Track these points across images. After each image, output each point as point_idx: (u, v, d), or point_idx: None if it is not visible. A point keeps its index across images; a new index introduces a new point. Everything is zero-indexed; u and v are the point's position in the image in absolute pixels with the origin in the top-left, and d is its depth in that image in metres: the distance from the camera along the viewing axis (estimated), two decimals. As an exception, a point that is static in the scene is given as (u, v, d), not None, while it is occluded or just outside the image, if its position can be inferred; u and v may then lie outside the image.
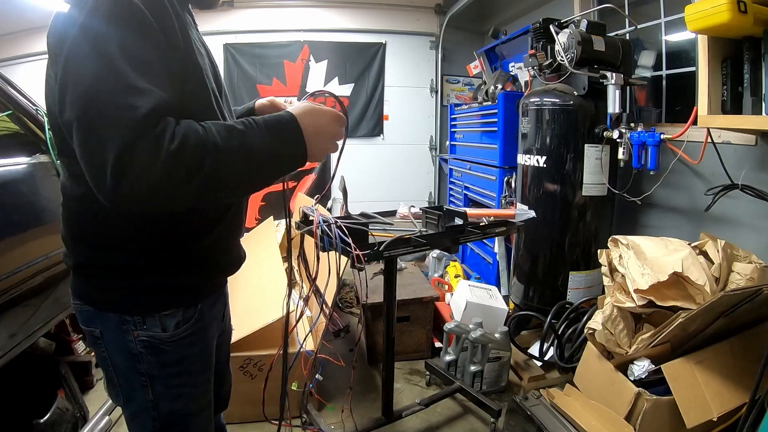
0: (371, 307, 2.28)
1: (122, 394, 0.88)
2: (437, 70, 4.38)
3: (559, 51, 2.01)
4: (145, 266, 0.81)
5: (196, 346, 0.89)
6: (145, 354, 0.83)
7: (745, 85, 1.52)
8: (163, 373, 0.86)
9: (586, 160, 2.08)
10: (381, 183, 4.37)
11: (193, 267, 0.86)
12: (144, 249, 0.81)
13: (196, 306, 0.88)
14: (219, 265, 0.94)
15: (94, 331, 0.85)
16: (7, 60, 4.08)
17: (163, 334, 0.84)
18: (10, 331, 1.42)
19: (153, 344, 0.83)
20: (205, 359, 0.94)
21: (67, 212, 0.84)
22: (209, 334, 0.94)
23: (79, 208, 0.81)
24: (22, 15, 3.77)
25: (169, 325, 0.84)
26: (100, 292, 0.83)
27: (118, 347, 0.84)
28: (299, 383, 1.76)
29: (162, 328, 0.83)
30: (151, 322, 0.83)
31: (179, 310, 0.85)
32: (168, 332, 0.84)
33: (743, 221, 1.80)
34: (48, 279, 1.56)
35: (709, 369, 1.42)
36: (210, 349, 0.95)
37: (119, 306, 0.82)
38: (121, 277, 0.81)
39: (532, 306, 2.29)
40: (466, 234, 1.43)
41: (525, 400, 1.61)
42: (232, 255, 0.98)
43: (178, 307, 0.85)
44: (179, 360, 0.87)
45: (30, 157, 1.56)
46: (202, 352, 0.92)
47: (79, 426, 1.70)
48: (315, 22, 4.06)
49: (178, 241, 0.83)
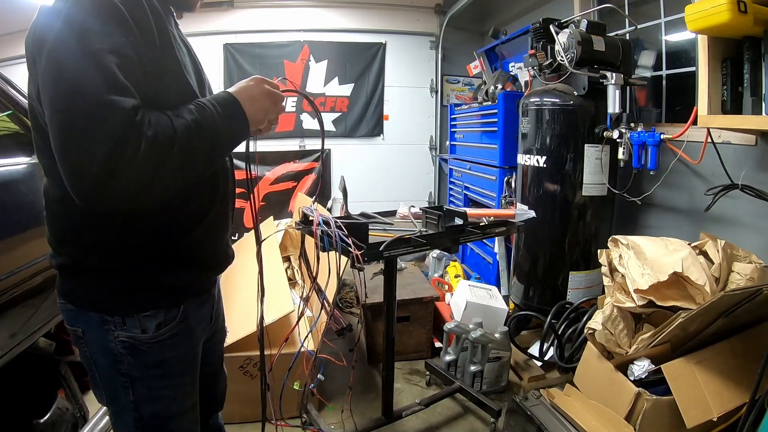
0: (371, 307, 2.28)
1: (105, 394, 0.88)
2: (437, 70, 4.38)
3: (559, 51, 2.01)
4: (125, 266, 0.81)
5: (179, 348, 0.88)
6: (125, 355, 0.83)
7: (745, 85, 1.52)
8: (143, 375, 0.85)
9: (586, 160, 2.08)
10: (381, 183, 4.37)
11: (176, 266, 0.86)
12: (123, 249, 0.81)
13: (178, 307, 0.86)
14: (204, 264, 0.92)
15: (77, 330, 0.85)
16: (7, 60, 4.08)
17: (142, 336, 0.82)
18: (10, 331, 1.42)
19: (133, 345, 0.82)
20: (189, 361, 0.92)
21: (50, 214, 0.83)
22: (195, 336, 0.92)
23: (60, 210, 0.81)
24: (22, 15, 3.77)
25: (149, 327, 0.83)
26: (82, 291, 0.83)
27: (99, 347, 0.83)
28: (300, 383, 1.76)
29: (142, 329, 0.82)
30: (131, 323, 0.82)
31: (160, 311, 0.84)
32: (148, 334, 0.83)
33: (743, 221, 1.80)
34: (48, 279, 1.55)
35: (709, 369, 1.42)
36: (195, 350, 0.94)
37: (100, 306, 0.82)
38: (101, 277, 0.81)
39: (532, 306, 2.29)
40: (466, 234, 1.43)
41: (525, 400, 1.61)
42: (219, 254, 0.96)
43: (159, 308, 0.84)
44: (160, 362, 0.86)
45: (30, 157, 1.56)
46: (185, 354, 0.90)
47: (79, 426, 1.70)
48: (315, 22, 4.06)
49: (160, 240, 0.82)
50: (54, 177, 0.76)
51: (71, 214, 0.78)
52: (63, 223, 0.82)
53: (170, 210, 0.82)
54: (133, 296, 0.82)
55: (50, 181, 0.80)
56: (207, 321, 0.99)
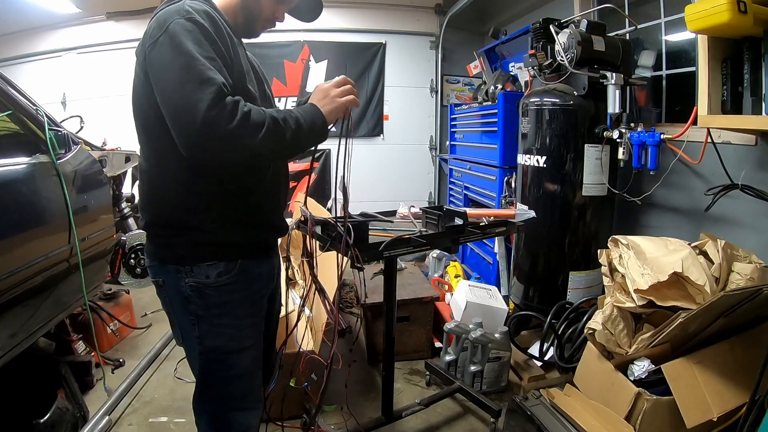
0: (371, 307, 2.28)
1: (180, 332, 1.11)
2: (437, 70, 4.38)
3: (559, 51, 2.01)
4: (195, 224, 1.03)
5: (236, 294, 1.07)
6: (193, 297, 1.04)
7: (745, 85, 1.52)
8: (207, 313, 1.05)
9: (586, 160, 2.08)
10: (381, 183, 4.37)
11: (234, 226, 1.06)
12: (195, 208, 1.02)
13: (236, 261, 1.06)
14: (258, 226, 1.12)
15: (159, 280, 1.08)
16: (7, 60, 4.08)
17: (206, 281, 1.04)
18: (10, 331, 1.42)
19: (199, 288, 1.04)
20: (249, 307, 1.12)
21: (142, 184, 1.08)
22: (253, 287, 1.12)
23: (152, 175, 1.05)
24: (22, 15, 3.77)
25: (212, 274, 1.04)
26: (162, 250, 1.07)
27: (175, 292, 1.06)
28: (297, 381, 1.75)
29: (206, 275, 1.04)
30: (198, 271, 1.03)
31: (221, 263, 1.04)
32: (210, 279, 1.04)
33: (743, 221, 1.80)
34: (48, 279, 1.56)
35: (709, 369, 1.42)
36: (255, 299, 1.14)
37: (174, 259, 1.04)
38: (175, 235, 1.03)
39: (532, 306, 2.29)
40: (466, 234, 1.43)
41: (525, 400, 1.61)
42: (273, 221, 1.18)
43: (219, 260, 1.04)
44: (221, 303, 1.06)
45: (30, 157, 1.56)
46: (244, 300, 1.10)
47: (79, 426, 1.70)
48: (315, 22, 4.05)
49: (223, 202, 1.04)
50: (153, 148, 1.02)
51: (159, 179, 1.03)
52: (152, 186, 1.05)
53: (237, 177, 1.04)
54: (199, 250, 1.04)
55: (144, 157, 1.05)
56: (266, 280, 1.18)
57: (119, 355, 2.40)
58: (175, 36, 0.90)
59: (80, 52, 4.12)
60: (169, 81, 0.89)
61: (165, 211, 1.04)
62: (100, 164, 2.10)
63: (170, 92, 0.89)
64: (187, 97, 0.86)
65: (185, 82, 0.87)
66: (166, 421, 1.89)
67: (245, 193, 1.07)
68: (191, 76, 0.87)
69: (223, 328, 1.07)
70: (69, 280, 1.70)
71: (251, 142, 0.90)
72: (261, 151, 0.94)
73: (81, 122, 2.32)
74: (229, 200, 1.05)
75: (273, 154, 1.01)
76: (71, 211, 1.63)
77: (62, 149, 1.75)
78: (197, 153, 0.89)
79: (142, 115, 1.01)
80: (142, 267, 2.58)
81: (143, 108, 0.99)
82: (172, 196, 1.03)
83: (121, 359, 2.34)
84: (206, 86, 0.87)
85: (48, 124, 1.67)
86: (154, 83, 0.93)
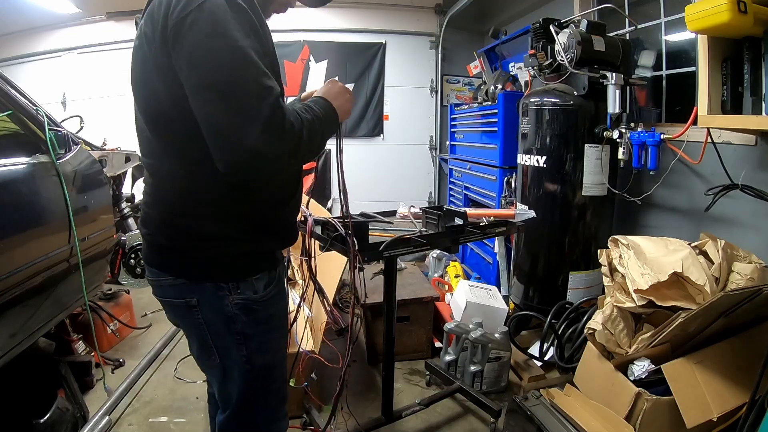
0: (371, 307, 2.28)
1: (216, 353, 0.98)
2: (437, 70, 4.38)
3: (559, 51, 2.01)
4: (237, 234, 0.93)
5: (280, 303, 1.04)
6: (239, 315, 0.95)
7: (745, 85, 1.52)
8: (255, 331, 0.98)
9: (586, 160, 2.08)
10: (381, 183, 4.36)
11: (273, 234, 1.00)
12: (235, 217, 0.92)
13: (276, 269, 1.02)
14: (289, 234, 1.07)
15: (191, 300, 0.94)
16: (7, 60, 4.08)
17: (254, 296, 0.96)
18: (10, 331, 1.42)
19: (246, 305, 0.95)
20: (285, 315, 1.10)
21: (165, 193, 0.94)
22: (286, 293, 1.10)
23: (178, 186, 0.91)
24: (22, 15, 3.77)
25: (260, 288, 0.97)
26: (196, 265, 0.93)
27: (214, 312, 0.94)
28: (297, 380, 1.75)
29: (254, 291, 0.96)
30: (244, 286, 0.95)
31: (265, 274, 0.98)
32: (259, 294, 0.97)
33: (743, 221, 1.80)
34: (48, 279, 1.55)
35: (709, 369, 1.42)
36: (287, 304, 1.11)
37: (213, 276, 0.93)
38: (216, 247, 0.92)
39: (532, 306, 2.29)
40: (466, 234, 1.43)
41: (525, 400, 1.61)
42: (296, 228, 1.12)
43: (263, 270, 0.98)
44: (268, 317, 1.00)
45: (30, 157, 1.56)
46: (284, 309, 1.07)
47: (79, 426, 1.70)
48: (315, 22, 4.05)
49: (262, 211, 0.96)
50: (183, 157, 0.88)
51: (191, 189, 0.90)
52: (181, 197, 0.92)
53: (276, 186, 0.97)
54: (244, 262, 0.95)
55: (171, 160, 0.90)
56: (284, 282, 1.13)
57: (119, 355, 2.40)
58: (217, 20, 0.74)
59: (80, 52, 4.12)
60: (212, 82, 0.74)
61: (189, 219, 0.91)
62: (100, 164, 2.10)
63: (215, 98, 0.74)
64: (238, 111, 0.74)
65: (236, 88, 0.74)
66: (166, 421, 1.89)
67: (285, 199, 1.02)
68: (246, 83, 0.74)
69: (270, 342, 1.03)
70: (69, 280, 1.70)
71: (292, 159, 0.85)
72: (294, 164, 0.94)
73: (81, 122, 2.32)
74: (269, 207, 0.97)
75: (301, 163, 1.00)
76: (71, 211, 1.63)
77: (62, 149, 1.75)
78: (238, 174, 0.81)
79: (156, 107, 0.86)
80: (142, 267, 2.57)
81: (160, 100, 0.84)
82: (200, 202, 0.90)
83: (121, 359, 2.34)
84: (263, 100, 0.75)
85: (48, 124, 1.67)
86: (187, 78, 0.76)
